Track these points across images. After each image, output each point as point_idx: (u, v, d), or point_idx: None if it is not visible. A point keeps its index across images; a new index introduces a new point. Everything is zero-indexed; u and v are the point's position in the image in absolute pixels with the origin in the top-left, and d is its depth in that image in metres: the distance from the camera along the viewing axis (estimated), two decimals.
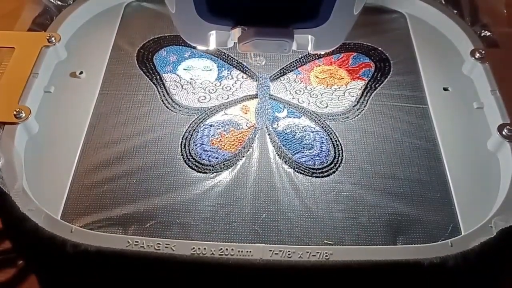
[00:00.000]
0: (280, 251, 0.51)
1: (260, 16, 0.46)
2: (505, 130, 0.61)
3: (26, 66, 0.67)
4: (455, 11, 0.77)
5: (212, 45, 0.51)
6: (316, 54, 0.73)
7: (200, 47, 0.54)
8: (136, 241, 0.51)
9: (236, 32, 0.47)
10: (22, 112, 0.61)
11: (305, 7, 0.46)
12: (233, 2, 0.46)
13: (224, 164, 0.60)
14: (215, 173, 0.59)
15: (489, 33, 0.72)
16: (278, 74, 0.70)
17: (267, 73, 0.70)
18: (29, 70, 0.66)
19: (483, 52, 0.69)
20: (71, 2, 0.77)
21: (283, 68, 0.71)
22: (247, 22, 0.46)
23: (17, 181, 0.55)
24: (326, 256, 0.51)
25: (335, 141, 0.63)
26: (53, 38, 0.70)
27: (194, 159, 0.60)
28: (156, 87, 0.69)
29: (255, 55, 0.65)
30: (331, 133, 0.63)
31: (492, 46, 0.71)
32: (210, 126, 0.64)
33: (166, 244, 0.51)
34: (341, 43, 0.52)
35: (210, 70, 0.70)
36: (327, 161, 0.61)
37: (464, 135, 0.64)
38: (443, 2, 0.78)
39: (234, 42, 0.50)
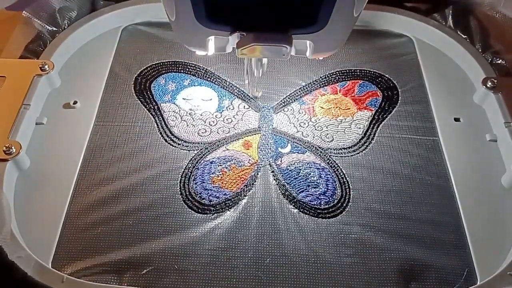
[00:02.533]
0: None
1: (258, 21, 0.45)
2: None
3: (17, 96, 0.64)
4: (465, 36, 0.74)
5: (211, 51, 0.49)
6: (321, 82, 0.70)
7: (199, 52, 0.52)
8: None
9: (235, 37, 0.46)
10: (13, 147, 0.58)
11: (303, 12, 0.45)
12: (232, 8, 0.45)
13: (225, 204, 0.57)
14: (216, 214, 0.56)
15: (501, 61, 0.69)
16: (281, 104, 0.67)
17: (270, 102, 0.67)
18: (21, 101, 0.63)
19: (495, 81, 0.66)
20: (65, 27, 0.74)
21: (286, 97, 0.68)
22: (246, 28, 0.45)
23: (6, 225, 0.52)
24: None
25: (342, 178, 0.60)
26: (46, 66, 0.67)
27: (194, 198, 0.57)
28: (154, 118, 0.65)
29: (253, 87, 0.62)
30: (337, 169, 0.60)
31: (505, 74, 0.68)
32: (211, 162, 0.61)
33: None
34: (339, 48, 0.50)
35: (211, 99, 0.67)
36: (334, 201, 0.58)
37: (477, 170, 0.61)
38: (452, 27, 0.75)
39: (233, 47, 0.48)
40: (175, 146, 0.62)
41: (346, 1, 0.43)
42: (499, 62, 0.69)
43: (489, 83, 0.66)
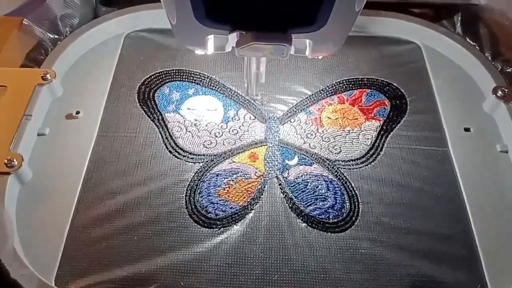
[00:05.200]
0: None
1: (258, 20, 0.44)
2: None
3: (18, 107, 0.62)
4: (474, 44, 0.72)
5: (210, 50, 0.48)
6: (327, 91, 0.69)
7: (198, 52, 0.51)
8: None
9: (234, 36, 0.45)
10: (14, 160, 0.57)
11: (303, 11, 0.44)
12: (231, 7, 0.44)
13: (232, 218, 0.56)
14: (222, 228, 0.55)
15: None
16: (288, 115, 0.66)
17: (276, 112, 0.66)
18: (22, 112, 0.62)
19: (506, 90, 0.65)
20: (67, 34, 0.73)
21: (293, 107, 0.66)
22: (245, 27, 0.44)
23: (8, 242, 0.51)
24: None
25: (350, 191, 0.58)
26: (48, 75, 0.66)
27: (200, 212, 0.56)
28: (158, 128, 0.64)
29: (251, 90, 0.61)
30: (345, 182, 0.59)
31: None
32: (217, 175, 0.59)
33: None
34: (338, 48, 0.48)
35: (216, 109, 0.66)
36: (342, 214, 0.57)
37: (488, 181, 0.60)
38: (461, 34, 0.74)
39: (232, 47, 0.47)
40: (180, 158, 0.61)
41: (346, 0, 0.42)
42: (509, 70, 0.68)
43: (500, 92, 0.65)
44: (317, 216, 0.56)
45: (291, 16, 0.44)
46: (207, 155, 0.61)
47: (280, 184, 0.59)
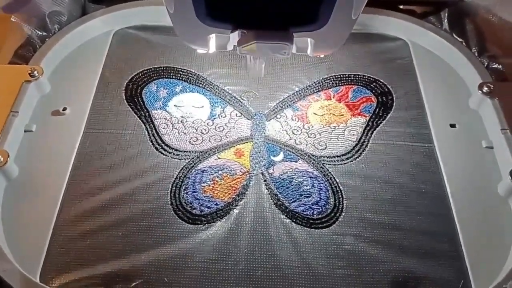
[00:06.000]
0: None
1: (259, 19, 0.44)
2: None
3: (5, 103, 0.63)
4: (461, 40, 0.73)
5: (212, 48, 0.48)
6: (314, 87, 0.69)
7: (200, 50, 0.51)
8: None
9: (236, 35, 0.46)
10: (0, 156, 0.57)
11: (304, 10, 0.44)
12: (233, 6, 0.44)
13: (216, 214, 0.56)
14: (207, 224, 0.55)
15: (498, 65, 0.68)
16: (274, 111, 0.66)
17: (262, 108, 0.66)
18: (9, 108, 0.62)
19: (492, 86, 0.65)
20: (55, 32, 0.73)
21: (279, 103, 0.67)
22: (247, 25, 0.45)
23: None
24: None
25: (335, 187, 0.59)
26: (35, 72, 0.66)
27: (184, 208, 0.56)
28: (145, 125, 0.64)
29: (255, 58, 0.61)
30: (330, 178, 0.59)
31: (501, 79, 0.67)
32: (202, 171, 0.60)
33: None
34: (340, 46, 0.49)
35: (202, 107, 0.66)
36: (327, 210, 0.57)
37: (472, 178, 0.60)
38: (448, 30, 0.74)
39: (234, 45, 0.47)
40: (166, 155, 0.61)
41: None
42: (495, 66, 0.68)
43: (485, 88, 0.65)
44: (301, 212, 0.56)
45: (293, 15, 0.44)
46: (193, 151, 0.62)
47: (265, 181, 0.59)
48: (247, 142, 0.63)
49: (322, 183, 0.59)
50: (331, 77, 0.70)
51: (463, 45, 0.72)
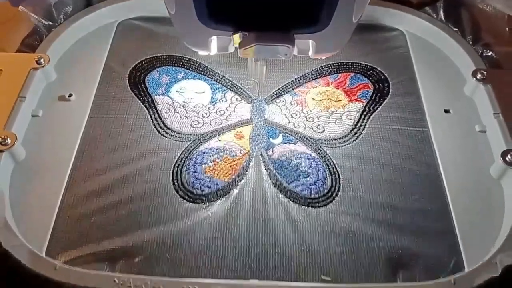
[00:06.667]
0: None
1: (261, 21, 0.45)
2: (509, 157, 0.59)
3: (13, 89, 0.64)
4: (456, 29, 0.74)
5: (214, 51, 0.50)
6: (313, 74, 0.71)
7: (201, 52, 0.53)
8: (123, 280, 0.49)
9: (237, 37, 0.47)
10: (8, 138, 0.59)
11: (306, 12, 0.45)
12: (234, 8, 0.45)
13: (217, 194, 0.58)
14: (207, 203, 0.57)
15: (492, 53, 0.70)
16: (273, 96, 0.68)
17: (262, 94, 0.68)
18: (17, 94, 0.64)
19: (485, 73, 0.66)
20: (62, 21, 0.75)
21: (279, 89, 0.68)
22: (248, 28, 0.46)
23: (0, 214, 0.53)
24: None
25: (332, 168, 0.60)
26: (42, 60, 0.68)
27: (186, 188, 0.58)
28: (148, 110, 0.66)
29: (256, 60, 0.63)
30: (327, 159, 0.61)
31: (495, 66, 0.69)
32: (203, 153, 0.61)
33: (154, 283, 0.48)
34: (342, 48, 0.50)
35: (204, 92, 0.68)
36: (324, 190, 0.58)
37: (466, 160, 0.62)
38: (444, 20, 0.76)
39: (235, 47, 0.49)
40: (168, 138, 0.63)
41: (348, 0, 0.44)
42: (489, 54, 0.70)
43: (479, 75, 0.67)
44: (299, 192, 0.58)
45: (294, 17, 0.45)
46: (194, 134, 0.63)
47: (264, 162, 0.61)
48: (247, 125, 0.64)
49: (320, 164, 0.61)
50: (330, 65, 0.72)
51: (458, 34, 0.74)
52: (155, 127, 0.64)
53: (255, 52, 0.47)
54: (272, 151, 0.62)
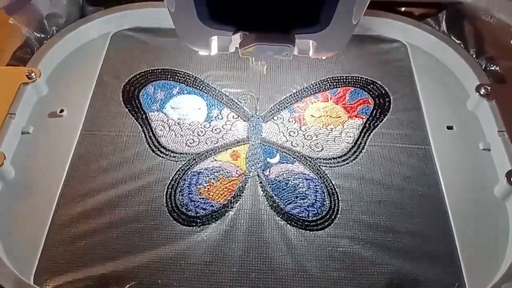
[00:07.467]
0: None
1: (261, 21, 0.44)
2: None
3: (2, 105, 0.63)
4: (459, 42, 0.72)
5: (214, 51, 0.49)
6: (312, 89, 0.69)
7: (202, 52, 0.51)
8: None
9: (238, 37, 0.46)
10: None
11: (306, 12, 0.44)
12: (235, 8, 0.44)
13: (212, 216, 0.56)
14: (202, 226, 0.55)
15: (496, 67, 0.68)
16: (271, 112, 0.66)
17: (260, 110, 0.66)
18: (6, 110, 0.62)
19: (489, 88, 0.64)
20: (53, 33, 0.73)
21: (276, 104, 0.67)
22: (249, 28, 0.45)
23: None
24: None
25: (331, 189, 0.59)
26: (33, 74, 0.66)
27: (179, 210, 0.56)
28: (142, 127, 0.64)
29: (256, 59, 0.61)
30: (326, 180, 0.59)
31: (499, 80, 0.67)
32: (198, 173, 0.60)
33: None
34: (342, 48, 0.49)
35: (199, 109, 0.66)
36: (322, 212, 0.57)
37: (469, 180, 0.60)
38: (446, 32, 0.73)
39: (236, 47, 0.47)
40: (162, 157, 0.61)
41: (349, 0, 0.42)
42: (493, 68, 0.68)
43: (483, 90, 0.65)
44: (296, 214, 0.56)
45: (295, 17, 0.44)
46: (189, 153, 0.62)
47: (261, 182, 0.59)
48: (243, 144, 0.62)
49: (318, 185, 0.59)
50: (329, 79, 0.70)
51: (460, 47, 0.72)
52: (149, 146, 0.62)
53: (255, 52, 0.45)
54: (269, 172, 0.60)
